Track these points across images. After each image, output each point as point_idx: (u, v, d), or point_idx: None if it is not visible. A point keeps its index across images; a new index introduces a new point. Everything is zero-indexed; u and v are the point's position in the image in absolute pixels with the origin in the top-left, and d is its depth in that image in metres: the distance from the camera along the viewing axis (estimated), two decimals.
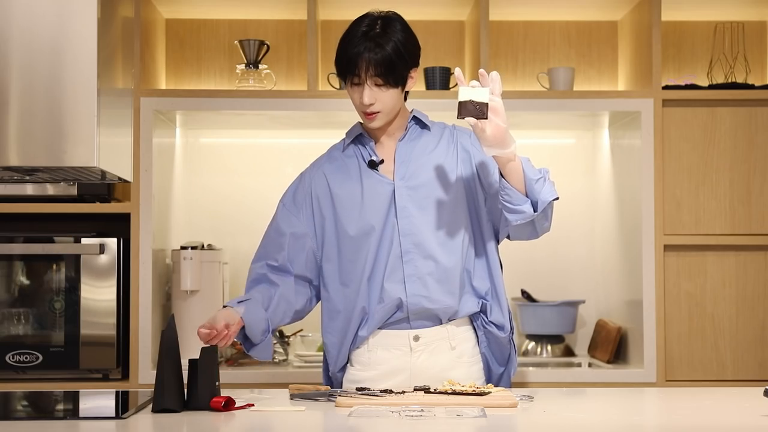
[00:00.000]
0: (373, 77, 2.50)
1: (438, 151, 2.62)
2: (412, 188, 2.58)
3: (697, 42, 3.96)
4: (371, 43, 2.49)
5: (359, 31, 2.51)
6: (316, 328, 3.84)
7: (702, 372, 3.55)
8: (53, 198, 3.54)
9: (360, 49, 2.48)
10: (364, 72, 2.50)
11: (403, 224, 2.56)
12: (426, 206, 2.57)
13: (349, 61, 2.50)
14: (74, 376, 3.48)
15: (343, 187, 2.62)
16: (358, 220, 2.58)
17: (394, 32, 2.52)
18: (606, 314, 3.93)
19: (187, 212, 3.99)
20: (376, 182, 2.59)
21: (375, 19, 2.54)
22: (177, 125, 3.92)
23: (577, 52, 4.02)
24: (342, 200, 2.61)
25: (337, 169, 2.65)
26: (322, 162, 2.71)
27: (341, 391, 2.41)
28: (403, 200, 2.57)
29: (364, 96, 2.52)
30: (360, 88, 2.53)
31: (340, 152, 2.67)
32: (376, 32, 2.50)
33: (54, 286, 3.51)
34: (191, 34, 3.98)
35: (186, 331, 3.54)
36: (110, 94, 2.22)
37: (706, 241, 3.57)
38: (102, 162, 2.14)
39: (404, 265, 2.55)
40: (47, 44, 2.10)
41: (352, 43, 2.50)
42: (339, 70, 2.56)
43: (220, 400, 2.23)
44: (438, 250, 2.55)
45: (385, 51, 2.48)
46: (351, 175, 2.62)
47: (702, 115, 3.59)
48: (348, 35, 2.53)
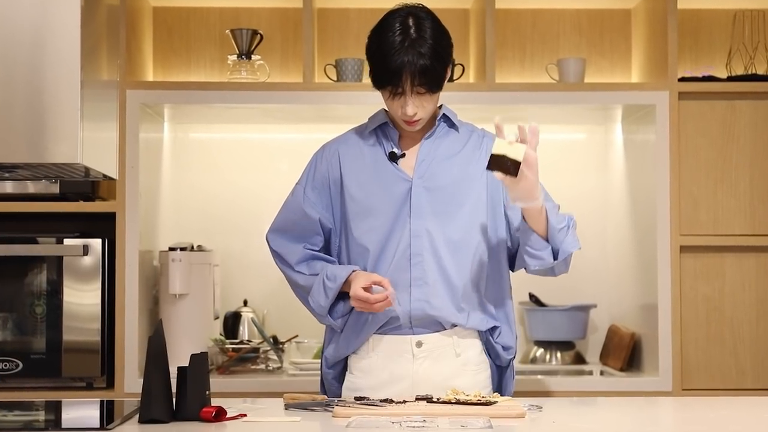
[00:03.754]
0: (416, 87, 2.51)
1: (463, 154, 2.64)
2: (430, 189, 2.59)
3: (715, 31, 3.96)
4: (412, 52, 2.48)
5: (395, 38, 2.50)
6: (312, 335, 3.85)
7: (720, 380, 3.56)
8: (34, 196, 3.54)
9: (402, 61, 2.48)
10: (407, 84, 2.50)
11: (415, 225, 2.56)
12: (442, 211, 2.58)
13: (392, 75, 2.49)
14: (56, 384, 3.48)
15: (356, 176, 2.62)
16: (366, 213, 2.59)
17: (431, 35, 2.52)
18: (619, 319, 3.93)
19: (176, 211, 3.99)
20: (394, 176, 2.60)
21: (405, 18, 2.52)
22: (165, 119, 3.93)
23: (589, 42, 4.02)
24: (352, 190, 2.61)
25: (354, 156, 2.65)
26: (339, 143, 2.70)
27: (339, 400, 2.41)
28: (419, 200, 2.57)
29: (408, 108, 2.53)
30: (402, 98, 2.53)
31: (361, 137, 2.68)
32: (413, 38, 2.49)
33: (35, 289, 3.51)
34: (180, 23, 3.98)
35: (174, 336, 3.55)
36: (94, 86, 2.22)
37: (725, 242, 3.57)
38: (86, 158, 2.14)
39: (412, 268, 2.56)
40: (27, 33, 2.10)
41: (391, 53, 2.49)
42: (377, 82, 2.55)
43: (211, 410, 2.23)
44: (449, 259, 2.56)
45: (426, 60, 2.49)
46: (367, 163, 2.63)
47: (720, 109, 3.60)
48: (384, 43, 2.51)
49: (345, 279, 2.54)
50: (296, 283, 2.67)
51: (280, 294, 3.99)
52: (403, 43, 2.49)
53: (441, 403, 2.34)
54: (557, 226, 2.51)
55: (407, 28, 2.51)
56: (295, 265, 2.66)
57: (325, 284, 2.57)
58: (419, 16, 2.54)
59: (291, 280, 2.69)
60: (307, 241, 2.66)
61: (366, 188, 2.60)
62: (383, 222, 2.57)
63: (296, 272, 2.66)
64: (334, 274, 2.56)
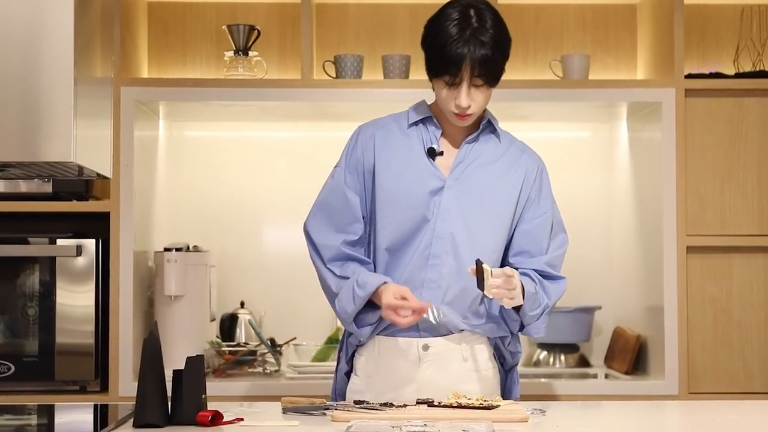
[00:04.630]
0: (473, 78, 2.51)
1: (500, 164, 2.64)
2: (462, 193, 2.59)
3: (722, 27, 3.96)
4: (474, 41, 2.49)
5: (456, 27, 2.50)
6: (309, 337, 3.86)
7: (728, 384, 3.56)
8: (26, 196, 3.54)
9: (463, 50, 2.48)
10: (466, 73, 2.50)
11: (440, 226, 2.57)
12: (469, 217, 2.58)
13: (450, 62, 2.50)
14: (49, 388, 3.48)
15: (390, 165, 2.60)
16: (394, 205, 2.58)
17: (492, 25, 2.53)
18: (624, 321, 3.93)
19: (171, 211, 3.99)
20: (428, 173, 2.59)
21: (466, 9, 2.53)
22: (160, 117, 3.93)
23: (593, 38, 4.02)
24: (383, 178, 2.60)
25: (390, 144, 2.63)
26: (376, 127, 2.68)
27: (338, 404, 2.41)
28: (449, 202, 2.57)
29: (462, 98, 2.52)
30: (457, 88, 2.53)
31: (400, 126, 2.66)
32: (475, 27, 2.50)
33: (27, 290, 3.51)
34: (175, 19, 3.98)
35: (170, 339, 3.54)
36: (88, 83, 2.22)
37: (733, 242, 3.57)
38: (79, 157, 2.14)
39: (428, 269, 2.57)
40: (20, 29, 2.10)
41: (451, 42, 2.49)
42: (434, 71, 2.55)
43: (207, 414, 2.23)
44: (468, 266, 2.55)
45: (488, 50, 2.50)
46: (403, 154, 2.61)
47: (728, 106, 3.59)
48: (444, 32, 2.52)
49: (375, 289, 2.52)
50: (325, 280, 2.65)
51: (277, 295, 3.99)
52: (464, 32, 2.49)
53: (442, 407, 2.34)
54: (530, 313, 2.57)
55: (468, 18, 2.51)
56: (328, 262, 2.63)
57: (355, 291, 2.54)
58: (480, 7, 2.55)
59: (320, 275, 2.66)
60: (347, 232, 2.61)
61: (398, 179, 2.59)
62: (409, 217, 2.57)
63: (327, 269, 2.63)
64: (365, 282, 2.53)
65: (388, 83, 3.65)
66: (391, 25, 4.00)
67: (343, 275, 2.59)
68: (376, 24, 4.00)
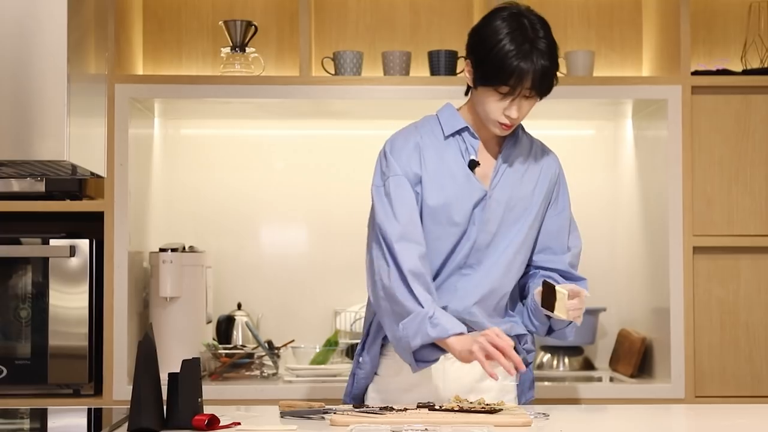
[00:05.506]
0: (526, 89, 2.52)
1: (529, 167, 2.68)
2: (500, 202, 2.62)
3: (729, 22, 3.96)
4: (536, 53, 2.49)
5: (513, 37, 2.50)
6: (308, 339, 3.86)
7: (735, 387, 3.56)
8: (18, 195, 3.54)
9: (525, 63, 2.48)
10: (521, 85, 2.51)
11: (482, 238, 2.60)
12: (505, 225, 2.62)
13: (509, 75, 2.49)
14: (42, 391, 3.48)
15: (436, 179, 2.61)
16: (439, 220, 2.59)
17: (545, 35, 2.54)
18: (629, 323, 3.93)
19: (167, 211, 3.99)
20: (470, 186, 2.61)
21: (519, 18, 2.53)
22: (155, 115, 3.93)
23: (598, 34, 4.02)
24: (430, 193, 2.60)
25: (435, 156, 2.62)
26: (416, 136, 2.64)
27: (336, 408, 2.41)
28: (489, 212, 2.61)
29: (513, 110, 2.54)
30: (507, 99, 2.53)
31: (437, 138, 2.65)
32: (532, 38, 2.51)
33: (19, 292, 3.51)
34: (171, 15, 3.98)
35: (165, 341, 3.55)
36: (82, 80, 2.22)
37: (740, 243, 3.57)
38: (73, 155, 2.14)
39: (461, 277, 2.61)
40: (12, 25, 2.10)
41: (511, 53, 2.49)
42: (488, 80, 2.53)
43: (203, 418, 2.23)
44: (499, 272, 2.61)
45: (546, 61, 2.51)
46: (446, 167, 2.61)
47: (735, 104, 3.60)
48: (500, 42, 2.50)
49: (447, 337, 2.48)
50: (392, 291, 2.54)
51: (275, 297, 4.00)
52: (523, 45, 2.49)
53: (443, 411, 2.34)
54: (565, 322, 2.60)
55: (524, 29, 2.52)
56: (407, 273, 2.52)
57: (427, 328, 2.49)
58: (531, 17, 2.56)
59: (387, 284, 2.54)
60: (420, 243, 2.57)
61: (443, 194, 2.60)
62: (452, 232, 2.60)
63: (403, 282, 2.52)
64: (440, 324, 2.48)
65: (388, 80, 3.65)
66: (391, 21, 4.00)
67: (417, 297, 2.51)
68: (375, 19, 4.00)
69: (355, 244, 4.01)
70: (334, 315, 3.95)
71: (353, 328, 3.86)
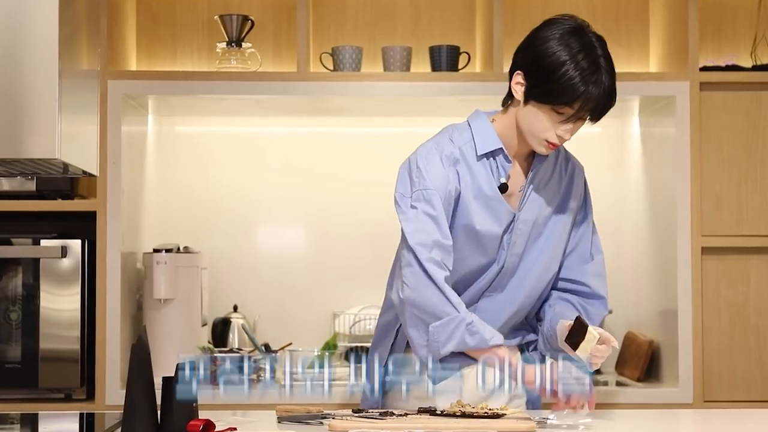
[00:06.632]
0: (584, 112, 2.49)
1: (556, 179, 2.66)
2: (527, 223, 2.61)
3: (739, 17, 3.96)
4: (604, 76, 2.46)
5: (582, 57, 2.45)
6: (306, 342, 3.85)
7: (744, 391, 3.56)
8: (9, 194, 3.54)
9: (592, 86, 2.44)
10: (585, 108, 2.47)
11: (510, 262, 2.60)
12: (533, 244, 2.62)
13: (574, 96, 2.44)
14: (33, 396, 3.48)
15: (472, 199, 2.56)
16: (472, 242, 2.57)
17: (608, 56, 2.51)
18: (636, 326, 3.93)
19: (161, 210, 3.99)
20: (501, 209, 2.58)
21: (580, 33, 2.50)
22: (149, 112, 3.93)
23: (604, 29, 3.98)
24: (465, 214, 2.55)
25: (470, 176, 2.57)
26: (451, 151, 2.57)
27: (335, 413, 2.41)
28: (518, 236, 2.60)
29: (567, 132, 2.50)
30: (561, 118, 2.49)
31: (469, 156, 2.58)
32: (600, 62, 2.47)
33: (9, 293, 3.51)
34: (165, 9, 3.98)
35: (159, 344, 3.54)
36: (73, 76, 2.22)
37: (750, 243, 3.57)
38: (64, 153, 2.14)
39: (481, 299, 2.61)
40: (2, 20, 2.10)
41: (582, 75, 2.44)
42: (544, 95, 2.48)
43: (198, 424, 2.23)
44: (523, 293, 2.61)
45: (610, 83, 2.47)
46: (479, 188, 2.57)
47: (745, 100, 3.59)
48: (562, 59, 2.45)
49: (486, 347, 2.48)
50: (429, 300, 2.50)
51: (272, 299, 4.00)
52: (590, 66, 2.46)
53: (445, 416, 2.34)
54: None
55: (590, 49, 2.48)
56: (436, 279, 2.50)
57: (464, 336, 2.47)
58: (591, 36, 2.52)
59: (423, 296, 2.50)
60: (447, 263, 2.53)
61: (475, 217, 2.56)
62: (482, 255, 2.58)
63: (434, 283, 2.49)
64: (478, 333, 2.47)
65: (388, 76, 3.65)
66: (391, 15, 4.00)
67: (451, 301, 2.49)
68: (375, 13, 4.00)
69: (355, 244, 4.04)
70: (333, 317, 3.95)
71: (352, 330, 3.86)
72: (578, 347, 2.44)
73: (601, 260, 2.73)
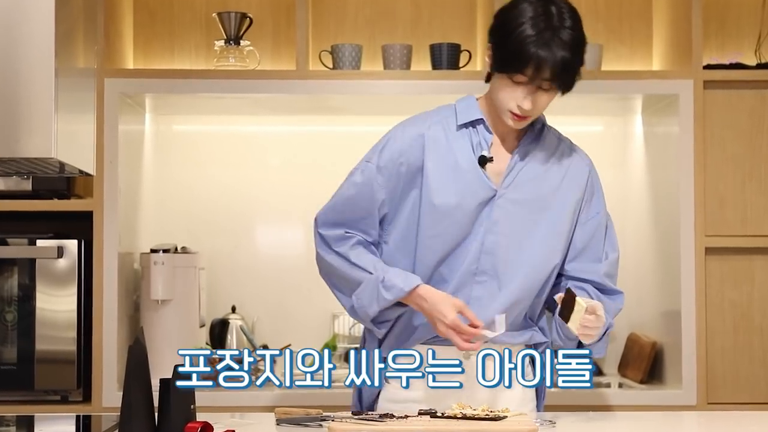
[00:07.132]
0: (542, 80, 2.46)
1: (552, 167, 2.61)
2: (515, 203, 2.56)
3: (743, 15, 3.96)
4: (557, 42, 2.43)
5: (535, 22, 2.44)
6: (305, 344, 3.84)
7: (749, 393, 3.56)
8: (4, 194, 3.54)
9: (543, 51, 2.42)
10: (538, 75, 2.45)
11: (490, 240, 2.54)
12: (521, 228, 2.56)
13: (525, 63, 2.43)
14: (29, 398, 3.48)
15: (440, 172, 2.55)
16: (441, 216, 2.54)
17: (572, 25, 2.47)
18: (639, 327, 3.93)
19: (158, 210, 3.99)
20: (479, 183, 2.55)
21: (546, 4, 2.47)
22: (146, 110, 3.93)
23: (606, 27, 4.02)
24: (433, 186, 2.54)
25: (441, 147, 2.57)
26: (423, 127, 2.59)
27: (334, 415, 2.41)
28: (500, 213, 2.55)
29: (525, 101, 2.48)
30: (521, 88, 2.48)
31: (447, 128, 2.59)
32: (556, 26, 2.44)
33: (5, 294, 3.51)
34: (163, 6, 3.98)
35: (157, 346, 3.54)
36: (70, 74, 2.22)
37: (754, 243, 3.57)
38: (60, 152, 2.14)
39: (475, 285, 2.56)
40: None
41: (529, 40, 2.42)
42: (503, 66, 2.48)
43: (196, 426, 2.23)
44: (519, 281, 2.56)
45: (567, 52, 2.45)
46: (453, 160, 2.56)
47: (749, 99, 3.59)
48: (520, 26, 2.45)
49: (405, 294, 2.50)
50: (332, 267, 2.61)
51: (271, 300, 4.00)
52: (544, 31, 2.43)
53: (446, 418, 2.34)
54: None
55: (549, 16, 2.45)
56: (334, 245, 2.60)
57: (381, 292, 2.51)
58: (561, 6, 2.50)
59: (326, 262, 2.62)
60: (364, 233, 2.60)
61: (447, 188, 2.54)
62: (457, 230, 2.54)
63: (336, 254, 2.59)
64: (393, 284, 2.50)
65: (388, 74, 3.65)
66: (391, 13, 4.00)
67: (360, 265, 2.55)
68: (375, 11, 4.00)
69: None
70: (332, 318, 3.95)
71: (352, 331, 3.86)
72: (569, 319, 2.44)
73: (615, 259, 2.69)
